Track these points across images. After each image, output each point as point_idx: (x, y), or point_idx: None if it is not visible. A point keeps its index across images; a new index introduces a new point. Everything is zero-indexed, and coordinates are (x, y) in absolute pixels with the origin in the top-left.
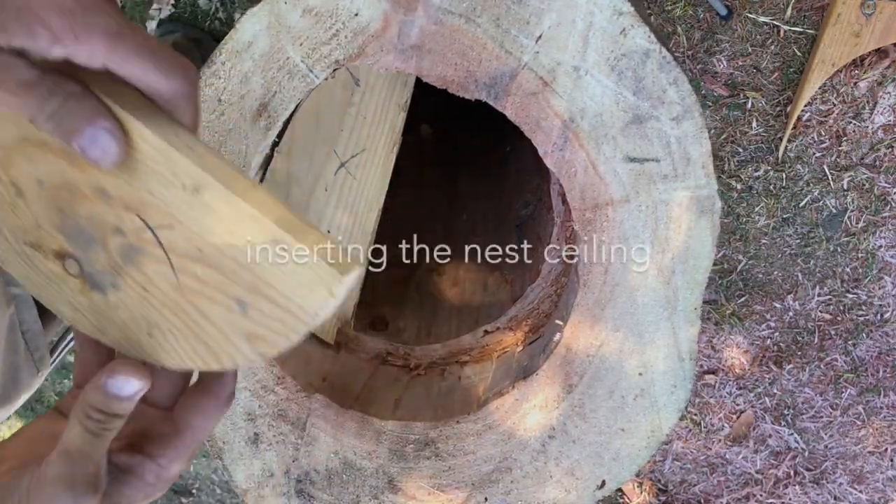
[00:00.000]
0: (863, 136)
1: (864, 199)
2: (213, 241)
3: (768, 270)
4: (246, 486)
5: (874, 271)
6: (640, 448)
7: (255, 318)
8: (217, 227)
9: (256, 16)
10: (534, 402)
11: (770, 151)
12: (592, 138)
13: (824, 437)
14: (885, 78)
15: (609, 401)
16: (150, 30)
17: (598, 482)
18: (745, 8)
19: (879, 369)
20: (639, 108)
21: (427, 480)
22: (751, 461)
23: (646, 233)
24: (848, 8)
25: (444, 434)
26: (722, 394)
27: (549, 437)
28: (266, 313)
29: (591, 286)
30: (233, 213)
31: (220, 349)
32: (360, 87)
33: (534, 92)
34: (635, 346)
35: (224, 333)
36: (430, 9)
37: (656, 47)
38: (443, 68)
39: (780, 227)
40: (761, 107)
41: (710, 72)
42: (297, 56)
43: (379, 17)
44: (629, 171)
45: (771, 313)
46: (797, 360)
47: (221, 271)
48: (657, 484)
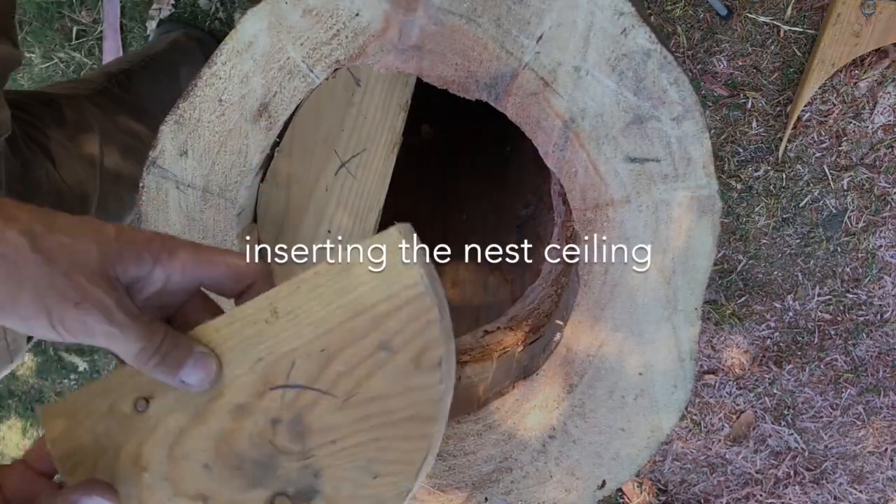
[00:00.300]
0: (863, 136)
1: (864, 199)
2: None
3: (768, 270)
4: None
5: (874, 271)
6: (641, 448)
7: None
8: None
9: (257, 16)
10: (534, 402)
11: (770, 151)
12: (593, 138)
13: (824, 437)
14: (885, 78)
15: (609, 401)
16: (149, 30)
17: (598, 482)
18: (745, 8)
19: (879, 369)
20: (639, 109)
21: (428, 480)
22: (751, 461)
23: (646, 233)
24: (848, 8)
25: (445, 434)
26: (722, 394)
27: (550, 436)
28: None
29: (592, 286)
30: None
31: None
32: (360, 87)
33: (534, 92)
34: (636, 346)
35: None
36: (431, 9)
37: (657, 47)
38: (443, 68)
39: (780, 227)
40: (761, 107)
41: (710, 72)
42: (298, 56)
43: (379, 17)
44: (630, 171)
45: (771, 313)
46: (797, 360)
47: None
48: (657, 484)
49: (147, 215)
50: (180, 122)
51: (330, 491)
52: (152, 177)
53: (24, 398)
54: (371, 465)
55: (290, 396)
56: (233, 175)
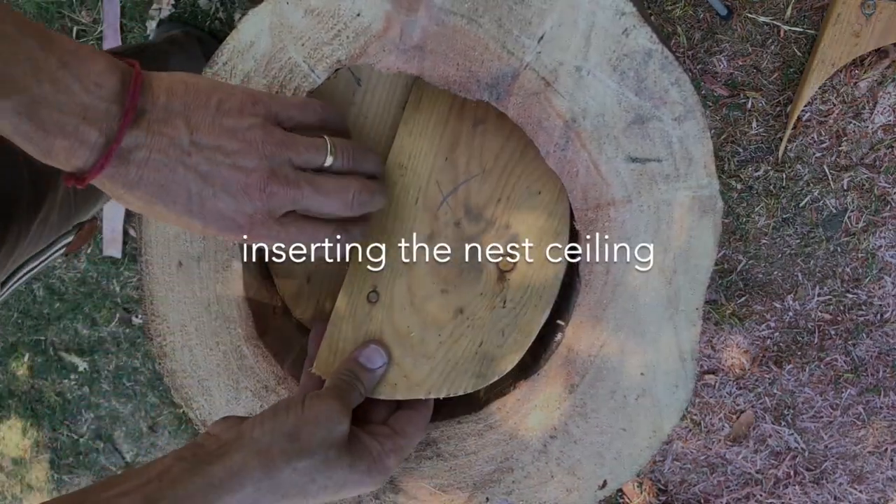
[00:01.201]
0: (863, 136)
1: (864, 199)
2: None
3: (768, 270)
4: None
5: (874, 271)
6: (642, 448)
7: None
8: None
9: (258, 16)
10: (535, 403)
11: (770, 151)
12: (594, 138)
13: (824, 437)
14: (885, 78)
15: (611, 401)
16: (150, 30)
17: (599, 482)
18: (745, 8)
19: (879, 369)
20: (641, 108)
21: (429, 480)
22: (751, 461)
23: (648, 233)
24: (848, 8)
25: (446, 434)
26: (722, 394)
27: (551, 437)
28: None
29: (593, 286)
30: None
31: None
32: (361, 87)
33: (536, 92)
34: (637, 346)
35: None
36: (432, 9)
37: (658, 47)
38: (445, 69)
39: (780, 227)
40: (761, 107)
41: (711, 72)
42: (299, 56)
43: (381, 17)
44: (631, 171)
45: (771, 313)
46: (797, 360)
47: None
48: (657, 484)
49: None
50: None
51: (521, 228)
52: None
53: (24, 398)
54: (530, 187)
55: (450, 202)
56: None
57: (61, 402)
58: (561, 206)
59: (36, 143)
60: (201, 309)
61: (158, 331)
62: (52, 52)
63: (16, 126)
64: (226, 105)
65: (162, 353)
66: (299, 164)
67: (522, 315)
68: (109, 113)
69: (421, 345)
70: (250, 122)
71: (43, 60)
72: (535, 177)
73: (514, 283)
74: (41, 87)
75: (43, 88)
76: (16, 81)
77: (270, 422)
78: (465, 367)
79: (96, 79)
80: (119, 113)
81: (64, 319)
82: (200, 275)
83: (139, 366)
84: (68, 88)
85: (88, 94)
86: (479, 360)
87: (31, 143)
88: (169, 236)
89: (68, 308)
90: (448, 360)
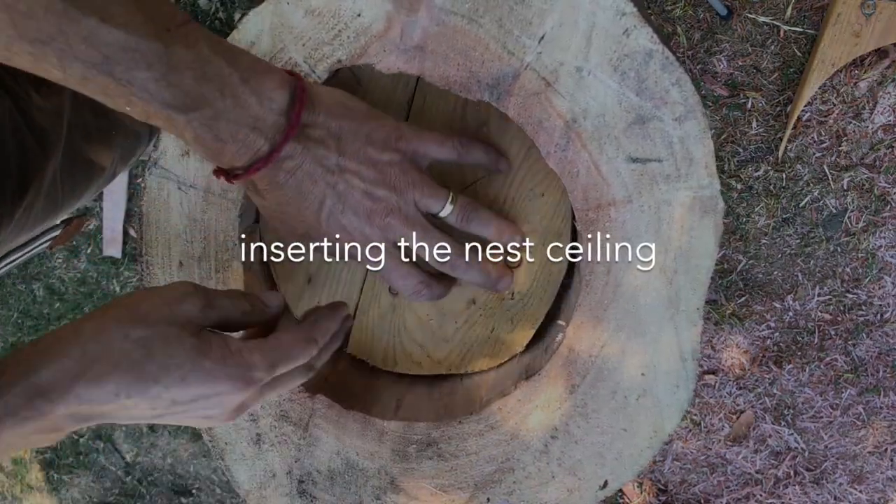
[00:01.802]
0: (863, 136)
1: (864, 199)
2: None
3: (768, 270)
4: (248, 487)
5: (874, 271)
6: (643, 448)
7: None
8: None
9: (259, 16)
10: (536, 403)
11: (770, 151)
12: (595, 139)
13: (824, 437)
14: (885, 78)
15: (612, 401)
16: None
17: (600, 482)
18: (745, 8)
19: (879, 369)
20: (642, 109)
21: (429, 481)
22: (751, 461)
23: (648, 233)
24: (848, 8)
25: (447, 434)
26: (722, 394)
27: (552, 437)
28: None
29: (594, 287)
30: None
31: None
32: (362, 87)
33: (536, 92)
34: (638, 346)
35: None
36: (433, 10)
37: (659, 48)
38: (445, 69)
39: (780, 227)
40: (761, 107)
41: (711, 72)
42: (300, 56)
43: (381, 17)
44: (632, 171)
45: (771, 313)
46: (797, 360)
47: None
48: (657, 484)
49: (148, 216)
50: None
51: (524, 228)
52: (154, 177)
53: None
54: (534, 189)
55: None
56: None
57: None
58: (563, 206)
59: (209, 147)
60: None
61: None
62: (236, 69)
63: (197, 135)
64: (374, 136)
65: None
66: (419, 206)
67: (529, 306)
68: (276, 125)
69: (440, 329)
70: (390, 158)
71: (228, 77)
72: (538, 179)
73: (519, 278)
74: (224, 101)
75: (226, 103)
76: (205, 97)
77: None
78: (479, 349)
79: (270, 94)
80: (285, 126)
81: (64, 319)
82: (201, 275)
83: None
84: (246, 102)
85: (262, 107)
86: (491, 343)
87: (204, 148)
88: (169, 237)
89: (68, 308)
90: (464, 343)
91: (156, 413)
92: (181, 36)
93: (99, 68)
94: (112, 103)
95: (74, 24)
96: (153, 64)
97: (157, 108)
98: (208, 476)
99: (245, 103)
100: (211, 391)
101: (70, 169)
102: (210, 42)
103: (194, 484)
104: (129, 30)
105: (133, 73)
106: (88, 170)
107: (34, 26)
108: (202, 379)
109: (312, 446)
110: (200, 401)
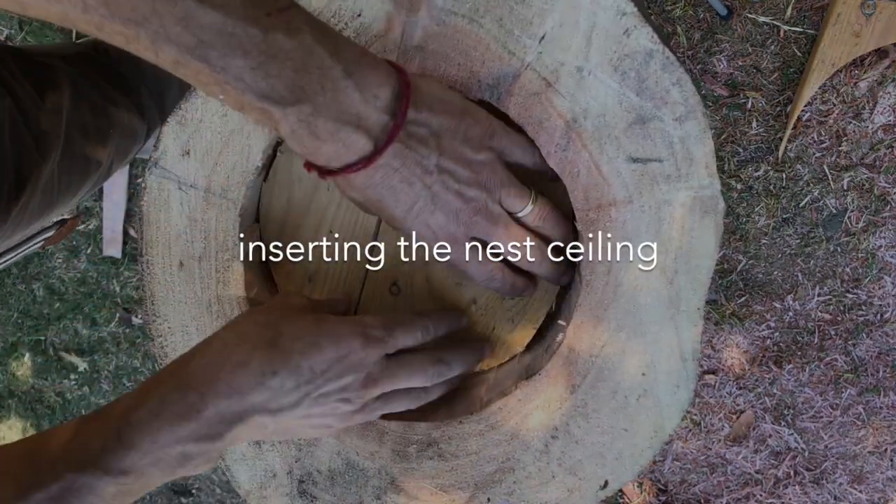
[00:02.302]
0: (863, 136)
1: (864, 199)
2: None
3: (768, 270)
4: (248, 487)
5: (874, 271)
6: (643, 448)
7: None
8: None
9: None
10: (537, 403)
11: (770, 151)
12: (595, 139)
13: (824, 437)
14: (885, 78)
15: (612, 401)
16: None
17: (600, 482)
18: (745, 8)
19: (879, 369)
20: (642, 109)
21: (430, 481)
22: (751, 461)
23: (649, 233)
24: (848, 8)
25: (447, 434)
26: (722, 394)
27: (552, 437)
28: None
29: (594, 286)
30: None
31: None
32: None
33: (537, 92)
34: (638, 346)
35: None
36: (434, 9)
37: (659, 48)
38: (446, 69)
39: (780, 227)
40: (761, 107)
41: (711, 72)
42: None
43: (382, 17)
44: (632, 171)
45: (771, 313)
46: (797, 360)
47: None
48: (657, 484)
49: (149, 216)
50: (182, 122)
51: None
52: (154, 177)
53: (24, 398)
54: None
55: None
56: (235, 176)
57: (61, 402)
58: (564, 206)
59: (305, 145)
60: (202, 309)
61: (159, 331)
62: (339, 60)
63: (294, 130)
64: (469, 133)
65: (163, 353)
66: (504, 205)
67: (529, 306)
68: (381, 123)
69: None
70: (483, 157)
71: (330, 69)
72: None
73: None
74: (325, 96)
75: (326, 98)
76: (304, 91)
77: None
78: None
79: (375, 90)
80: (390, 124)
81: (64, 319)
82: (201, 275)
83: (139, 366)
84: (348, 97)
85: (366, 104)
86: (491, 342)
87: (300, 145)
88: (170, 236)
89: (68, 308)
90: (465, 341)
91: (300, 395)
92: (283, 22)
93: (193, 53)
94: (206, 90)
95: (170, 3)
96: (250, 51)
97: (252, 100)
98: (208, 476)
99: (348, 99)
100: (342, 351)
101: (67, 167)
102: (313, 30)
103: (194, 484)
104: (227, 11)
105: (228, 59)
106: (85, 167)
107: (128, 6)
108: (330, 339)
109: (313, 446)
110: (335, 367)
